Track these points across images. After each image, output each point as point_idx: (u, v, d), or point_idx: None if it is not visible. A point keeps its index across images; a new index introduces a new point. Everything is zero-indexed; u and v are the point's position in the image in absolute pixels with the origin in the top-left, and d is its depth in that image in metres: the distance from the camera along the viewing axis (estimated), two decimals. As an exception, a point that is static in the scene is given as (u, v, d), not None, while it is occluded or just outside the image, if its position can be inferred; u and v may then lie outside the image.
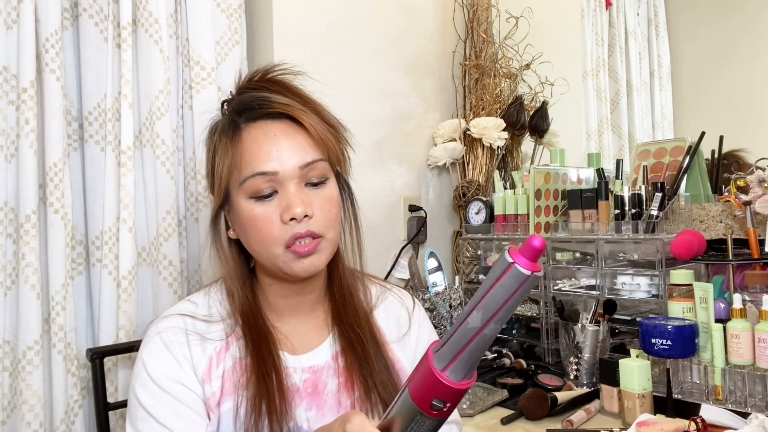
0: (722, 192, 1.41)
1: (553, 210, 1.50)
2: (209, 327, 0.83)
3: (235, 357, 0.81)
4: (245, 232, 0.81)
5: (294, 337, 0.86)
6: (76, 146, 1.25)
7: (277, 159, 0.77)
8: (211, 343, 0.82)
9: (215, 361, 0.81)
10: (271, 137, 0.79)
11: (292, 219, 0.77)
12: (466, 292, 1.64)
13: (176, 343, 0.80)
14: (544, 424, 1.10)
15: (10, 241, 1.12)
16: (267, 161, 0.77)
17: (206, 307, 0.86)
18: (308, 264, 0.79)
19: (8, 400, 1.11)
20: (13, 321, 1.12)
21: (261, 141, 0.79)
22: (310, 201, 0.79)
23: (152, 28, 1.27)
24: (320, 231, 0.79)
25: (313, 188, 0.80)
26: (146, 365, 0.79)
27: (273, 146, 0.78)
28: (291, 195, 0.77)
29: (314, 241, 0.78)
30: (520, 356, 1.47)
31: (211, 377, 0.80)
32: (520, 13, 1.79)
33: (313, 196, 0.80)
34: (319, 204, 0.79)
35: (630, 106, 1.89)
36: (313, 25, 1.54)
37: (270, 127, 0.80)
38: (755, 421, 0.90)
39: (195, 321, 0.83)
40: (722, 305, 1.12)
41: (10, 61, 1.13)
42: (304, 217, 0.77)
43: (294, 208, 0.76)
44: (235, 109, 0.83)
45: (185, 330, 0.81)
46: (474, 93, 1.82)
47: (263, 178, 0.77)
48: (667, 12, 1.86)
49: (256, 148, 0.78)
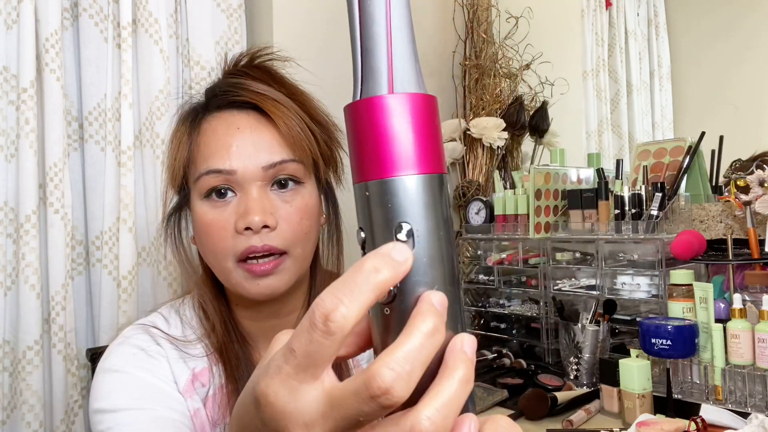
0: (722, 192, 1.41)
1: (553, 210, 1.50)
2: (187, 348, 0.72)
3: (215, 385, 0.71)
4: (199, 239, 0.70)
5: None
6: (76, 146, 1.25)
7: (237, 156, 0.66)
8: (192, 361, 0.71)
9: (198, 379, 0.71)
10: (233, 129, 0.67)
11: (248, 229, 0.65)
12: (466, 292, 1.64)
13: (154, 351, 0.70)
14: (544, 424, 1.10)
15: (10, 241, 1.12)
16: (224, 158, 0.66)
17: (179, 328, 0.74)
18: (264, 286, 0.66)
19: (8, 400, 1.11)
20: (13, 321, 1.12)
21: (221, 133, 0.68)
22: (275, 209, 0.66)
23: (152, 28, 1.27)
24: (283, 246, 0.66)
25: (282, 194, 0.68)
26: (126, 371, 0.67)
27: (234, 140, 0.66)
28: (250, 200, 0.65)
29: (274, 260, 0.66)
30: (520, 356, 1.46)
31: (193, 393, 0.70)
32: (520, 13, 1.79)
33: (280, 203, 0.67)
34: (285, 213, 0.67)
35: (630, 106, 1.89)
36: (313, 25, 1.54)
37: (234, 119, 0.69)
38: (755, 421, 0.90)
39: (169, 341, 0.72)
40: (722, 305, 1.12)
41: (10, 61, 1.13)
42: (264, 227, 0.65)
43: (250, 216, 0.64)
44: (205, 96, 0.74)
45: (161, 349, 0.71)
46: (474, 93, 1.82)
47: (218, 177, 0.66)
48: (667, 12, 1.86)
49: (215, 141, 0.67)
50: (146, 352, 0.69)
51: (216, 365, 0.71)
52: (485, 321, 1.62)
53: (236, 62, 0.74)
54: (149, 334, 0.71)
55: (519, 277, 1.57)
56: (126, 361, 0.68)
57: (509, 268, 1.56)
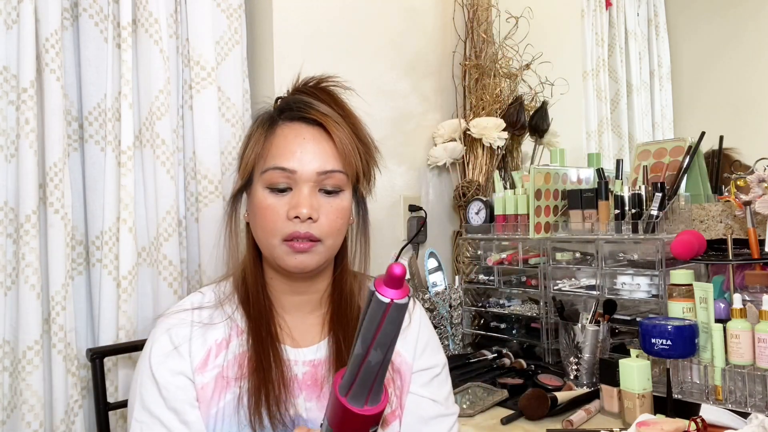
0: (722, 192, 1.41)
1: (553, 210, 1.50)
2: (214, 313, 0.87)
3: (235, 353, 0.84)
4: (254, 217, 0.85)
5: (296, 331, 0.89)
6: (76, 146, 1.25)
7: (299, 159, 0.82)
8: (213, 333, 0.85)
9: (214, 352, 0.84)
10: (299, 139, 0.83)
11: (296, 217, 0.81)
12: (466, 292, 1.64)
13: (181, 336, 0.84)
14: (544, 424, 1.10)
15: (10, 241, 1.12)
16: (290, 159, 0.82)
17: (214, 296, 0.90)
18: (299, 261, 0.82)
19: (8, 400, 1.11)
20: (13, 321, 1.11)
21: (290, 140, 0.84)
22: (320, 206, 0.83)
23: (152, 28, 1.27)
24: (320, 236, 0.83)
25: (326, 196, 0.84)
26: (152, 365, 0.82)
27: (299, 147, 0.83)
28: (302, 196, 0.82)
29: (311, 243, 0.82)
30: (520, 356, 1.47)
31: (207, 367, 0.82)
32: (520, 13, 1.79)
33: (323, 202, 0.83)
34: (326, 211, 0.83)
35: (630, 106, 1.89)
36: (313, 25, 1.54)
37: (302, 130, 0.84)
38: (755, 421, 0.90)
39: (201, 311, 0.87)
40: (722, 305, 1.12)
41: (10, 61, 1.13)
42: (308, 219, 0.81)
43: (300, 208, 0.80)
44: (279, 106, 0.89)
45: (191, 322, 0.85)
46: (474, 93, 1.82)
47: (282, 173, 0.82)
48: (667, 12, 1.86)
49: (284, 144, 0.83)
50: (174, 348, 0.83)
51: (240, 336, 0.85)
52: (485, 321, 1.62)
53: (306, 82, 0.90)
54: (185, 321, 0.86)
55: (519, 277, 1.57)
56: (159, 364, 0.82)
57: (509, 268, 1.56)
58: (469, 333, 1.63)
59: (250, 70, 1.50)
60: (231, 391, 0.81)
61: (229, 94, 1.42)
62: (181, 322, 0.85)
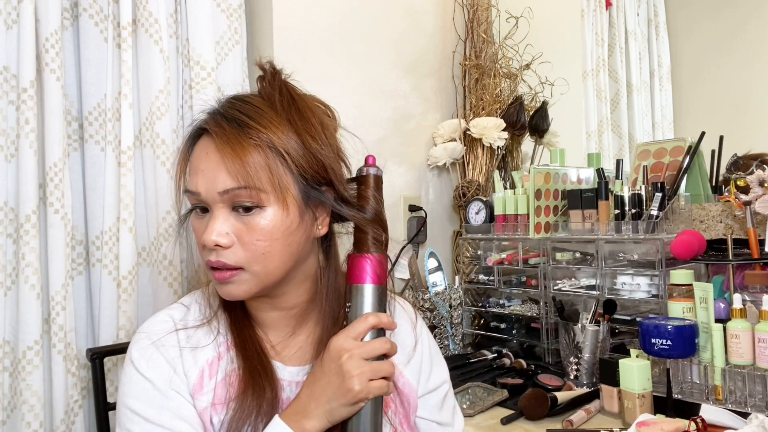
0: (722, 192, 1.41)
1: (553, 210, 1.50)
2: (201, 333, 0.78)
3: (227, 369, 0.76)
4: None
5: (286, 348, 0.81)
6: (76, 146, 1.25)
7: (203, 179, 0.71)
8: (203, 354, 0.77)
9: (207, 373, 0.76)
10: (203, 154, 0.72)
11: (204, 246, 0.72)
12: (466, 292, 1.64)
13: (169, 346, 0.76)
14: (544, 424, 1.10)
15: (10, 241, 1.12)
16: (194, 180, 0.72)
17: (197, 311, 0.81)
18: (226, 291, 0.73)
19: (8, 400, 1.11)
20: (13, 321, 1.12)
21: (200, 157, 0.73)
22: (235, 229, 0.71)
23: (152, 28, 1.27)
24: (236, 263, 0.71)
25: (242, 216, 0.71)
26: (140, 371, 0.74)
27: (202, 164, 0.72)
28: (211, 220, 0.71)
29: (230, 272, 0.71)
30: (520, 356, 1.47)
31: (203, 389, 0.75)
32: (520, 13, 1.79)
33: (240, 225, 0.71)
34: (244, 234, 0.71)
35: (630, 106, 1.89)
36: (313, 25, 1.54)
37: (206, 144, 0.73)
38: (755, 421, 0.90)
39: (187, 331, 0.78)
40: (722, 305, 1.12)
41: (10, 61, 1.13)
42: (217, 246, 0.70)
43: (205, 235, 0.70)
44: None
45: (177, 342, 0.77)
46: (474, 93, 1.82)
47: (192, 197, 0.73)
48: (666, 12, 1.86)
49: (195, 162, 0.73)
50: (161, 352, 0.75)
51: (228, 352, 0.77)
52: (485, 321, 1.62)
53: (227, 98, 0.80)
54: (169, 334, 0.78)
55: (519, 277, 1.57)
56: (148, 365, 0.75)
57: (509, 268, 1.56)
58: (469, 333, 1.63)
59: (250, 70, 1.50)
60: (222, 412, 0.74)
61: (229, 94, 1.42)
62: (166, 334, 0.77)
